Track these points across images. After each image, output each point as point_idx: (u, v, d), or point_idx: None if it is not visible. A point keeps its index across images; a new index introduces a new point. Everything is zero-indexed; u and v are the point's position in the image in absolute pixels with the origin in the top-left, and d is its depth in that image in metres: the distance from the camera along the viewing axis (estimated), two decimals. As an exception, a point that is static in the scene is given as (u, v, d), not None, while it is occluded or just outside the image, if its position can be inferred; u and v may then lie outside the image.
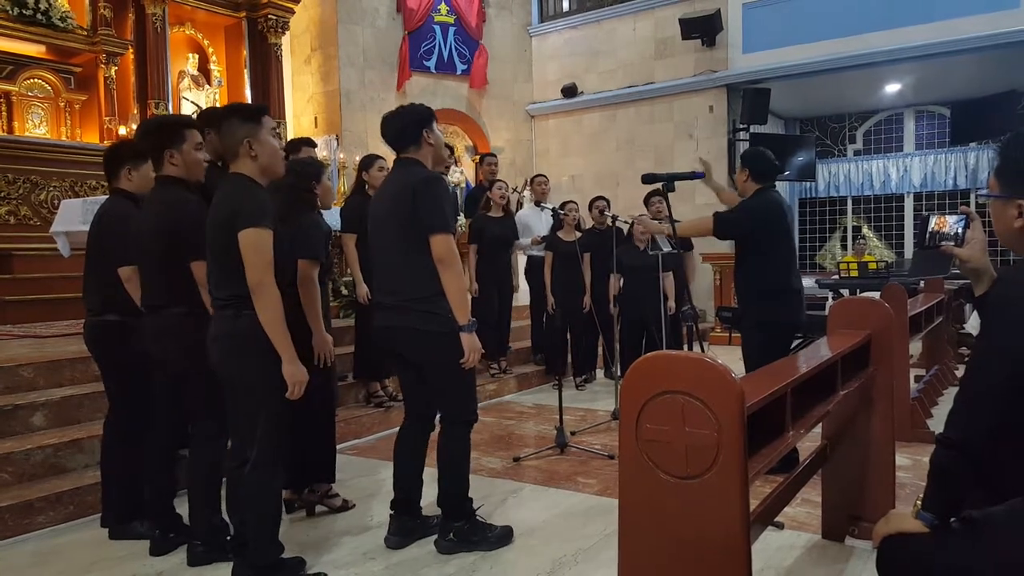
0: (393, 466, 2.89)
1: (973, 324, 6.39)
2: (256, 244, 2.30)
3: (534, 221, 6.25)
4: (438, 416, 2.84)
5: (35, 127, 7.04)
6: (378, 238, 2.80)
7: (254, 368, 2.36)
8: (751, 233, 3.50)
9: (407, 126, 2.76)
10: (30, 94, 7.05)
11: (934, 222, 1.75)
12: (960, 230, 1.71)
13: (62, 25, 6.98)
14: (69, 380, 3.91)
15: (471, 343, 2.65)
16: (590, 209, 6.04)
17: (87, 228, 3.06)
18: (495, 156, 6.75)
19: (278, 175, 2.58)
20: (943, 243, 1.73)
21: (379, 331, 2.81)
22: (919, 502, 1.52)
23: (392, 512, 2.87)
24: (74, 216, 4.92)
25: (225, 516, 2.68)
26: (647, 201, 5.89)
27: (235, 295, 2.35)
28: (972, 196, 10.14)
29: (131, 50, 7.45)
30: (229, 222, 2.33)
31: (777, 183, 3.72)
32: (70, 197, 6.11)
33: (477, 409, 2.84)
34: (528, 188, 8.24)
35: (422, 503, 2.94)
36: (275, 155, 2.51)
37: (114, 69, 7.32)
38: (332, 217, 4.25)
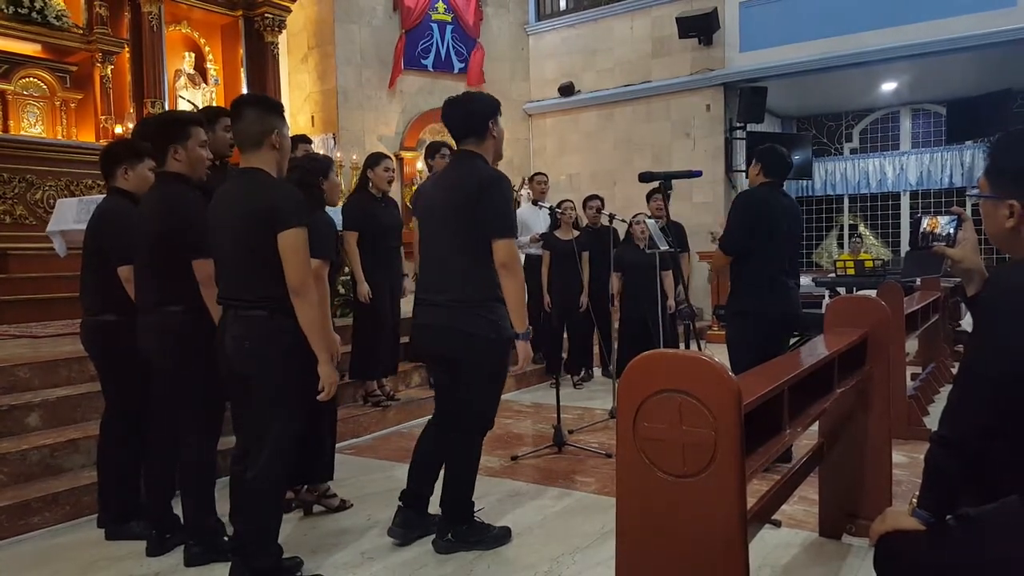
0: (412, 457, 2.87)
1: (969, 321, 6.40)
2: (297, 244, 2.28)
3: (532, 219, 6.25)
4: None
5: (31, 126, 7.02)
6: (431, 234, 2.70)
7: (285, 371, 2.34)
8: (748, 235, 3.57)
9: (475, 115, 2.65)
10: (26, 93, 7.02)
11: (926, 223, 1.76)
12: (952, 231, 1.72)
13: (58, 24, 6.96)
14: (65, 380, 3.89)
15: (526, 351, 2.62)
16: (584, 208, 6.04)
17: (83, 227, 3.05)
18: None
19: (284, 175, 2.57)
20: (935, 244, 1.74)
21: (422, 328, 2.72)
22: (915, 500, 1.52)
23: (400, 503, 2.86)
24: (70, 215, 4.91)
25: (223, 516, 2.67)
26: (649, 198, 5.91)
27: (269, 295, 2.31)
28: (968, 194, 10.17)
29: (127, 49, 7.43)
30: (266, 220, 2.27)
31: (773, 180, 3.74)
32: (66, 196, 6.09)
33: (494, 418, 2.82)
34: (526, 186, 8.23)
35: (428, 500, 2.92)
36: (289, 152, 2.51)
37: (110, 68, 7.30)
38: (333, 215, 4.25)
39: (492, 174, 2.61)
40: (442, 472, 2.83)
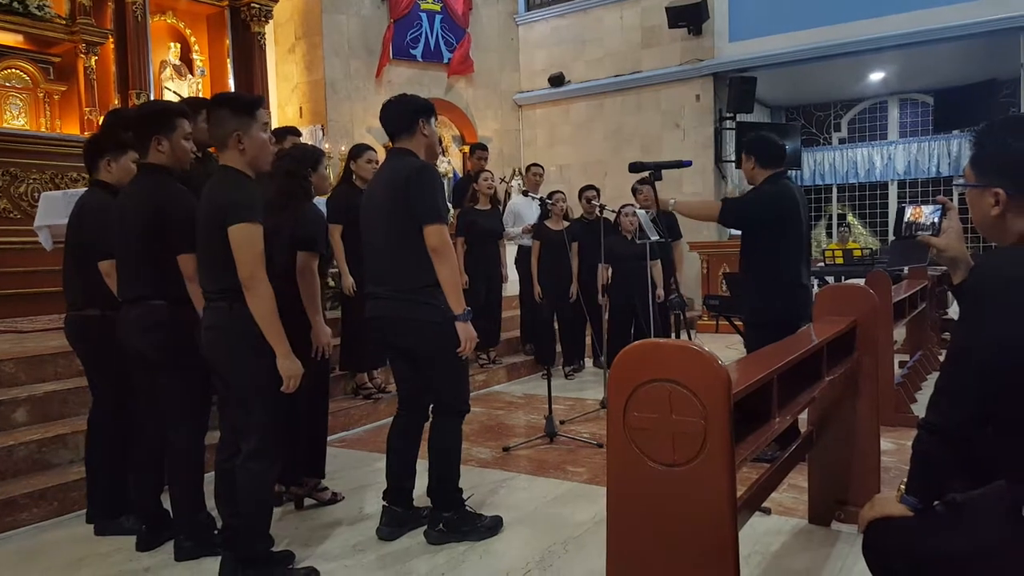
0: (386, 456, 2.88)
1: (956, 310, 6.44)
2: (246, 239, 2.29)
3: (526, 210, 6.24)
4: (431, 406, 2.84)
5: (14, 118, 6.91)
6: (370, 228, 2.79)
7: (249, 361, 2.35)
8: (761, 223, 3.36)
9: (403, 114, 2.76)
10: (8, 85, 6.91)
11: (910, 212, 1.76)
12: (936, 220, 1.72)
13: (39, 14, 6.84)
14: (52, 375, 3.87)
15: (467, 332, 2.65)
16: (580, 199, 6.04)
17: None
18: (486, 149, 6.71)
19: (265, 169, 2.56)
20: (919, 233, 1.74)
21: (371, 321, 2.80)
22: (903, 486, 1.53)
23: (384, 503, 2.87)
24: (56, 209, 4.85)
25: (211, 509, 2.66)
26: (635, 190, 5.89)
27: (227, 288, 2.34)
28: (954, 184, 10.24)
29: (111, 39, 7.32)
30: (219, 216, 2.31)
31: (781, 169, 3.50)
32: (50, 189, 6.00)
33: (469, 400, 2.85)
34: (517, 177, 8.22)
35: (413, 494, 2.93)
36: (263, 149, 2.49)
37: (94, 59, 7.20)
38: (319, 207, 4.22)
39: (418, 164, 2.71)
40: (427, 464, 2.82)
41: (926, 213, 1.74)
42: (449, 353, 2.67)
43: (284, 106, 9.35)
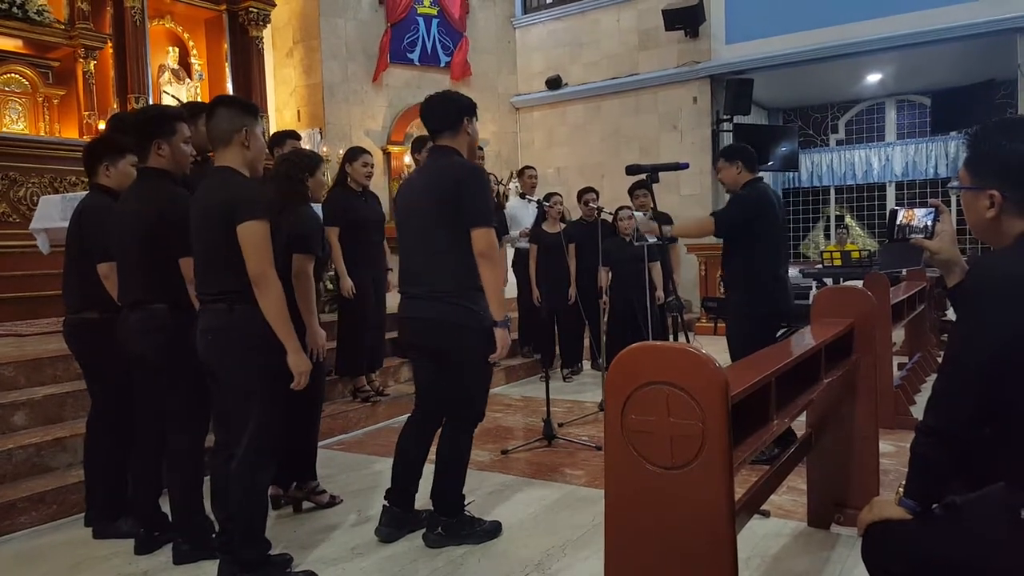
0: (394, 456, 2.86)
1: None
2: (256, 236, 2.28)
3: (522, 213, 6.24)
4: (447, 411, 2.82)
5: (13, 123, 6.92)
6: (410, 226, 2.75)
7: (248, 363, 2.35)
8: (747, 226, 3.55)
9: (448, 111, 2.74)
10: (7, 89, 6.92)
11: (902, 215, 1.76)
12: (929, 223, 1.71)
13: (39, 19, 6.86)
14: (51, 378, 3.86)
15: (504, 339, 2.64)
16: (579, 201, 6.04)
17: (67, 224, 3.02)
18: (482, 149, 6.72)
19: (259, 174, 2.56)
20: (912, 236, 1.73)
21: (405, 321, 2.78)
22: (901, 489, 1.53)
23: (386, 503, 2.86)
24: (54, 212, 4.85)
25: (209, 513, 2.66)
26: (632, 193, 5.90)
27: (228, 290, 2.33)
28: (949, 186, 10.26)
29: (110, 44, 7.34)
30: (225, 215, 2.29)
31: (761, 173, 3.78)
32: (49, 193, 6.01)
33: (484, 410, 2.83)
34: (515, 180, 8.23)
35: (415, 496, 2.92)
36: (263, 152, 2.52)
37: (93, 63, 7.21)
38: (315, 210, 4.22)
39: (469, 166, 2.69)
40: (431, 466, 2.82)
41: (919, 216, 1.73)
42: (480, 359, 2.66)
43: (282, 110, 9.37)
